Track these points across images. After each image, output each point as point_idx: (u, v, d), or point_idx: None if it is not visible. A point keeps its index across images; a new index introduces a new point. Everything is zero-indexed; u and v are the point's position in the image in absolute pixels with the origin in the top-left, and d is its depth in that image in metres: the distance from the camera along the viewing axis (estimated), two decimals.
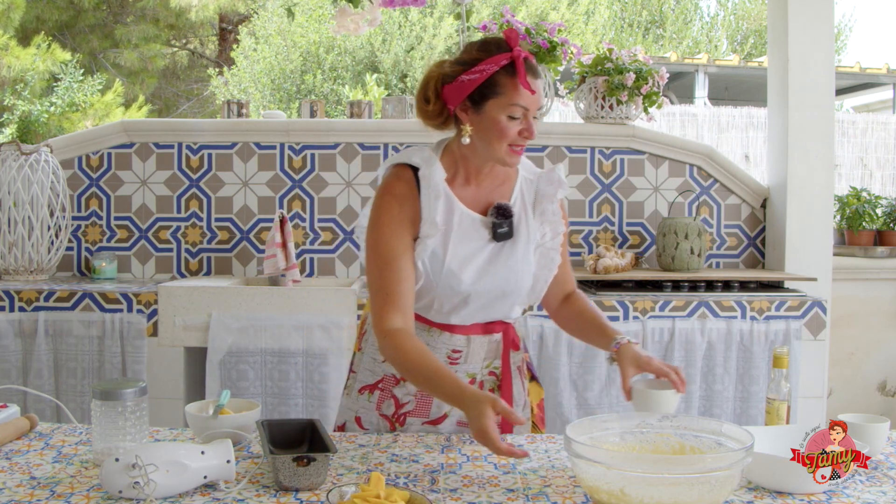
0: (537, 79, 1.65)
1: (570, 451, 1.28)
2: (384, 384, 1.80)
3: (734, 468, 1.24)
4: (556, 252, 1.77)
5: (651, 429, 1.44)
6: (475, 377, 1.79)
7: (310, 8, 12.12)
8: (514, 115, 1.63)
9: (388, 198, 1.69)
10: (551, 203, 1.77)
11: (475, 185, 1.74)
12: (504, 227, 1.71)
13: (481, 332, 1.77)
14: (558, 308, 1.91)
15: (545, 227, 1.77)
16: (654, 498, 1.22)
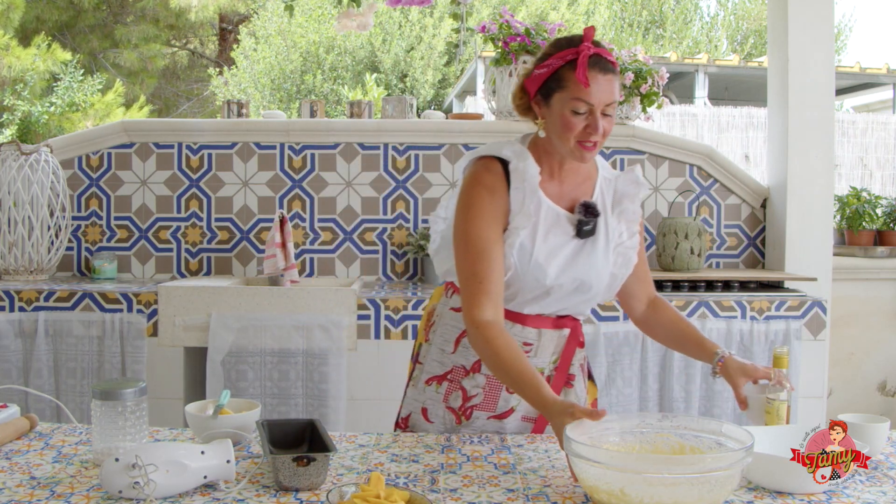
0: (606, 74, 1.63)
1: (569, 450, 1.29)
2: (453, 375, 1.81)
3: (734, 468, 1.24)
4: (633, 251, 1.79)
5: (651, 429, 1.44)
6: (543, 371, 1.80)
7: (310, 8, 12.13)
8: (577, 109, 1.63)
9: (479, 188, 1.71)
10: (632, 203, 1.79)
11: (559, 181, 1.76)
12: (590, 224, 1.73)
13: (552, 327, 1.79)
14: (645, 315, 1.92)
15: (622, 227, 1.79)
16: (653, 498, 1.22)
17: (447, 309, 1.85)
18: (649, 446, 1.43)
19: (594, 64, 1.62)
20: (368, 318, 3.14)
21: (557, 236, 1.72)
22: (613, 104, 1.65)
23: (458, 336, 1.81)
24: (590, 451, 1.26)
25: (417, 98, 11.47)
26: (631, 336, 3.14)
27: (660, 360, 3.17)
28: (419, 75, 11.97)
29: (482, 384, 1.79)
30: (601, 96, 1.62)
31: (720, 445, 1.38)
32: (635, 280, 1.87)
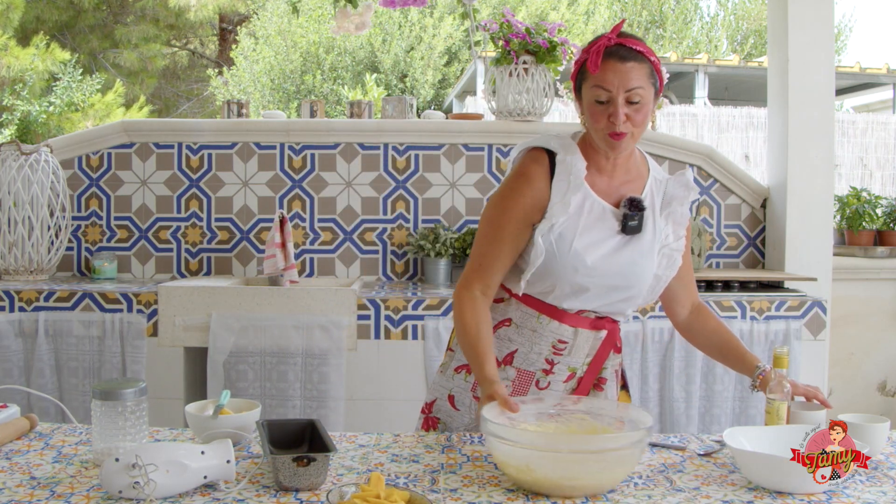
0: (625, 62, 1.64)
1: (484, 429, 1.40)
2: None
3: (630, 448, 1.35)
4: (679, 253, 1.79)
5: (566, 411, 1.55)
6: (575, 371, 1.79)
7: (310, 8, 12.13)
8: (598, 98, 1.66)
9: (522, 180, 1.74)
10: (682, 205, 1.79)
11: (607, 177, 1.76)
12: (635, 220, 1.73)
13: (590, 327, 1.78)
14: (688, 321, 1.91)
15: (669, 228, 1.79)
16: (555, 472, 1.32)
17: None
18: (564, 427, 1.52)
19: (612, 53, 1.65)
20: (368, 318, 3.14)
21: (601, 230, 1.72)
22: (636, 91, 1.64)
23: (495, 327, 1.80)
24: (499, 429, 1.37)
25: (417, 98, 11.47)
26: (631, 336, 3.14)
27: (660, 361, 3.17)
28: (419, 75, 11.97)
29: (512, 377, 1.78)
30: (618, 82, 1.63)
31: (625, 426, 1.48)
32: (680, 284, 1.87)
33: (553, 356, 1.77)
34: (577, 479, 1.33)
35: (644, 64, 1.66)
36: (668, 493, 1.39)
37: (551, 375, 1.77)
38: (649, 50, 1.68)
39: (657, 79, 1.70)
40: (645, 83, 1.65)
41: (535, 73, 3.52)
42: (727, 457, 1.59)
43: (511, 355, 1.79)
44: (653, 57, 1.68)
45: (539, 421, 1.53)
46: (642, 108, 1.66)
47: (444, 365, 1.90)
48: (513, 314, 1.79)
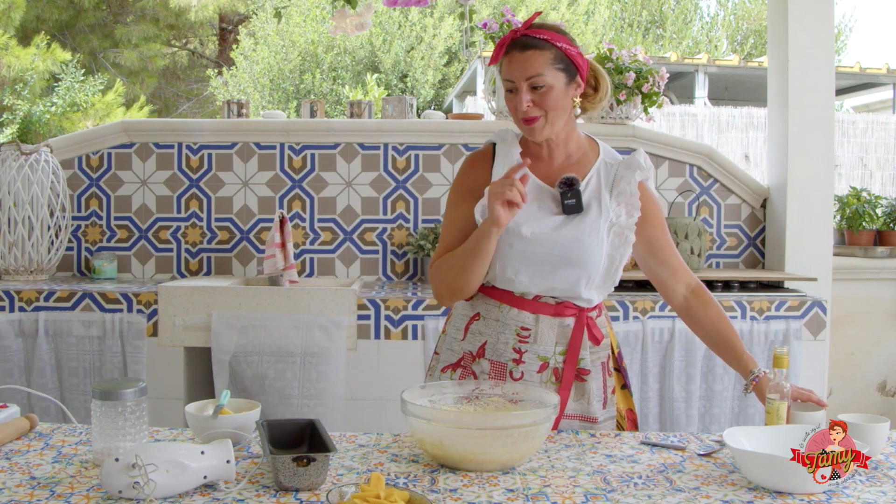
0: (525, 51, 1.72)
1: (404, 410, 1.51)
2: (465, 361, 1.86)
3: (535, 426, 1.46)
4: (631, 232, 1.81)
5: (484, 394, 1.67)
6: (548, 361, 1.81)
7: (307, 8, 12.13)
8: (508, 88, 1.76)
9: (464, 166, 1.91)
10: (629, 184, 1.82)
11: (546, 162, 1.84)
12: (571, 198, 1.77)
13: (551, 314, 1.80)
14: (686, 305, 1.91)
15: (621, 208, 1.81)
16: (465, 448, 1.45)
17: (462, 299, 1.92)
18: (481, 409, 1.63)
19: (515, 44, 1.74)
20: (368, 318, 3.14)
21: (539, 209, 1.79)
22: (537, 77, 1.71)
23: (467, 323, 1.86)
24: (416, 408, 1.49)
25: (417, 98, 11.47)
26: (631, 336, 3.14)
27: (660, 360, 3.17)
28: (419, 75, 11.97)
29: (486, 369, 1.82)
30: (517, 72, 1.73)
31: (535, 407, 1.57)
32: (664, 268, 1.89)
33: (519, 344, 1.80)
34: (485, 454, 1.45)
35: (547, 50, 1.73)
36: (668, 493, 1.39)
37: (522, 365, 1.80)
38: (558, 37, 1.74)
39: (569, 63, 1.75)
40: (546, 69, 1.72)
41: None
42: (727, 457, 1.59)
43: (482, 347, 1.83)
44: (560, 43, 1.74)
45: (457, 404, 1.64)
46: (548, 93, 1.73)
47: (431, 368, 1.95)
48: (479, 307, 1.85)
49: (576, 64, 1.76)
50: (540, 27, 1.75)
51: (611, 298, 3.16)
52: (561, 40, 1.74)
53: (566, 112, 1.78)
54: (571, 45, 1.76)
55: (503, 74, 1.76)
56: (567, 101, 1.76)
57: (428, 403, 1.58)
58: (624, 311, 3.16)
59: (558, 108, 1.74)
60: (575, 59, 1.75)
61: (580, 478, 1.46)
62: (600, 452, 1.62)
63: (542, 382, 1.80)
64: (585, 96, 1.83)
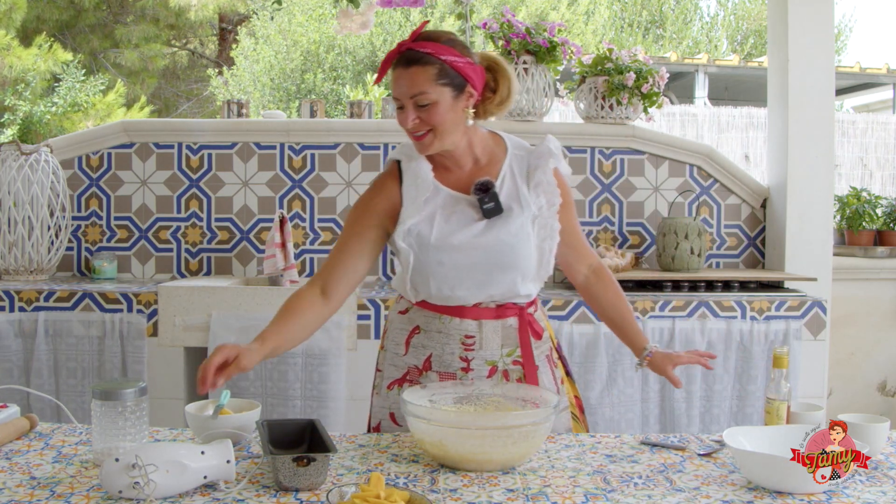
0: (408, 67, 1.67)
1: (404, 410, 1.51)
2: (410, 376, 1.83)
3: (535, 425, 1.46)
4: (555, 220, 1.80)
5: (483, 394, 1.66)
6: (496, 364, 1.80)
7: (310, 7, 12.13)
8: (397, 105, 1.72)
9: (370, 189, 1.85)
10: (544, 174, 1.80)
11: (457, 171, 1.81)
12: (489, 202, 1.75)
13: (493, 317, 1.80)
14: (587, 283, 1.94)
15: (541, 199, 1.80)
16: (465, 448, 1.44)
17: (395, 313, 1.89)
18: (481, 409, 1.63)
19: (401, 59, 1.69)
20: (368, 318, 3.14)
21: (460, 220, 1.76)
22: (420, 95, 1.67)
23: (407, 337, 1.84)
24: (416, 408, 1.48)
25: None
26: None
27: None
28: None
29: (436, 381, 1.80)
30: (401, 90, 1.69)
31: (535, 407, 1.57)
32: (569, 251, 1.89)
33: (465, 353, 1.79)
34: (485, 454, 1.45)
35: (430, 66, 1.67)
36: (668, 493, 1.39)
37: (472, 372, 1.79)
38: (444, 49, 1.68)
39: (455, 76, 1.69)
40: (430, 86, 1.66)
41: (535, 73, 3.53)
42: (727, 457, 1.60)
43: (428, 360, 1.81)
44: (445, 55, 1.67)
45: (457, 404, 1.63)
46: (433, 109, 1.68)
47: (377, 386, 1.92)
48: (418, 320, 1.82)
49: (464, 75, 1.69)
50: (427, 39, 1.68)
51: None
52: (447, 52, 1.67)
53: (457, 124, 1.72)
54: (460, 56, 1.69)
55: (391, 90, 1.72)
56: (456, 114, 1.71)
57: (428, 403, 1.58)
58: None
59: (445, 122, 1.69)
60: (462, 70, 1.69)
61: (580, 478, 1.46)
62: (600, 452, 1.62)
63: (493, 386, 1.78)
64: (485, 100, 1.79)
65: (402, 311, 1.87)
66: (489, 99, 1.80)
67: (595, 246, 3.68)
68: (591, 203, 3.71)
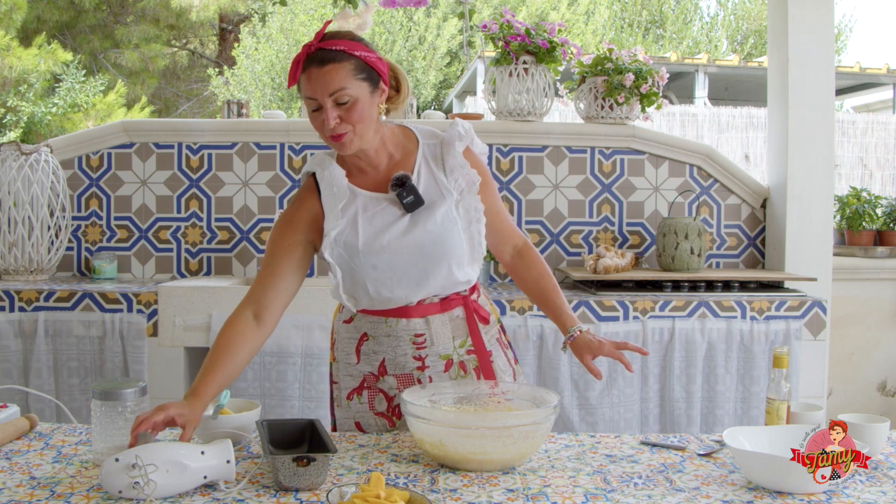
0: (323, 66, 1.63)
1: (404, 410, 1.52)
2: (367, 383, 1.82)
3: (535, 425, 1.46)
4: (477, 201, 1.78)
5: (483, 394, 1.66)
6: (450, 357, 1.80)
7: (312, 7, 12.13)
8: (311, 107, 1.67)
9: (287, 207, 1.82)
10: (454, 157, 1.78)
11: (372, 172, 1.78)
12: (408, 196, 1.73)
13: (439, 311, 1.79)
14: (512, 262, 1.93)
15: (460, 182, 1.78)
16: (465, 447, 1.45)
17: (340, 323, 1.87)
18: (481, 409, 1.62)
19: (312, 59, 1.64)
20: None
21: (383, 220, 1.73)
22: (340, 92, 1.63)
23: (357, 346, 1.82)
24: (416, 408, 1.49)
25: (419, 98, 11.47)
26: (632, 336, 3.14)
27: (660, 361, 3.17)
28: (421, 76, 11.97)
29: (394, 385, 1.80)
30: (319, 88, 1.63)
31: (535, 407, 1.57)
32: (494, 233, 1.86)
33: (418, 351, 1.78)
34: (485, 454, 1.45)
35: (346, 62, 1.64)
36: (668, 493, 1.39)
37: (428, 370, 1.79)
38: (355, 45, 1.66)
39: (371, 71, 1.67)
40: (349, 82, 1.63)
41: (535, 73, 3.53)
42: (727, 457, 1.60)
43: (382, 365, 1.80)
44: (358, 51, 1.65)
45: (457, 404, 1.63)
46: (354, 106, 1.65)
47: (336, 398, 1.89)
48: (364, 327, 1.81)
49: (377, 70, 1.69)
50: (333, 38, 1.66)
51: (611, 298, 3.16)
52: (358, 48, 1.66)
53: (374, 121, 1.71)
54: (370, 52, 1.69)
55: (304, 93, 1.66)
56: (373, 110, 1.69)
57: (428, 403, 1.58)
58: (624, 311, 3.16)
59: (365, 119, 1.67)
60: (375, 65, 1.68)
61: (580, 478, 1.46)
62: (600, 452, 1.62)
63: (452, 379, 1.79)
64: (389, 99, 1.77)
65: (346, 320, 1.85)
66: (393, 97, 1.78)
67: (595, 246, 3.68)
68: (591, 203, 3.71)
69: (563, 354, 3.11)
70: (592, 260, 3.37)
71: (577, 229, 3.71)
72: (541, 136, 3.63)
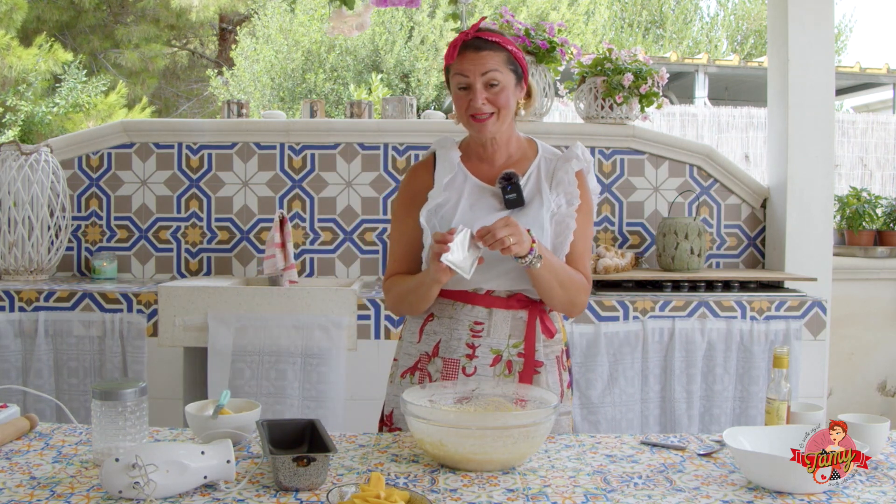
0: (480, 51, 1.77)
1: (404, 410, 1.52)
2: (421, 364, 1.87)
3: (535, 426, 1.46)
4: (572, 219, 1.85)
5: (484, 394, 1.66)
6: (501, 353, 1.83)
7: (311, 8, 12.13)
8: (460, 85, 1.80)
9: (406, 175, 1.96)
10: (566, 173, 1.87)
11: (489, 163, 1.90)
12: (512, 193, 1.82)
13: (503, 306, 1.83)
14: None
15: (561, 198, 1.86)
16: (465, 448, 1.45)
17: None
18: (481, 409, 1.62)
19: (469, 45, 1.79)
20: (368, 318, 3.14)
21: (482, 208, 1.84)
22: (491, 74, 1.76)
23: (422, 325, 1.89)
24: (416, 408, 1.49)
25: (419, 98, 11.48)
26: (632, 336, 3.14)
27: (660, 361, 3.17)
28: (423, 77, 11.97)
29: (440, 367, 1.84)
30: (473, 67, 1.77)
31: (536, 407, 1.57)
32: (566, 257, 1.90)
33: (472, 339, 1.82)
34: (485, 454, 1.45)
35: (500, 52, 1.79)
36: (668, 493, 1.39)
37: (475, 360, 1.82)
38: (507, 40, 1.82)
39: (517, 65, 1.83)
40: (501, 67, 1.78)
41: (535, 73, 3.53)
42: (727, 457, 1.60)
43: (436, 346, 1.86)
44: (510, 46, 1.81)
45: (457, 404, 1.64)
46: (502, 91, 1.79)
47: (392, 375, 1.96)
48: (433, 308, 1.87)
49: (522, 66, 1.84)
50: (489, 31, 1.81)
51: (611, 298, 3.16)
52: (510, 43, 1.81)
53: (512, 112, 1.84)
54: (518, 49, 1.84)
55: (457, 70, 1.79)
56: (514, 102, 1.84)
57: (428, 403, 1.58)
58: (624, 311, 3.16)
59: (508, 106, 1.80)
60: (521, 62, 1.83)
61: (580, 478, 1.46)
62: (600, 452, 1.62)
63: (496, 376, 1.82)
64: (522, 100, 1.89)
65: None
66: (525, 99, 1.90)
67: (595, 246, 3.68)
68: None
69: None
70: (592, 260, 3.37)
71: None
72: (541, 136, 3.58)
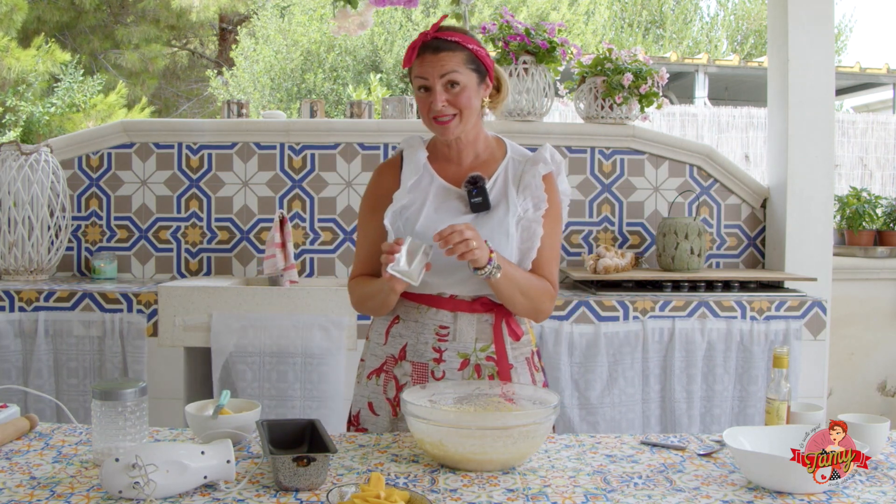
0: (437, 53, 1.76)
1: (404, 410, 1.52)
2: (387, 365, 1.86)
3: (535, 425, 1.46)
4: (539, 225, 1.83)
5: (483, 394, 1.66)
6: (468, 357, 1.82)
7: (311, 8, 12.13)
8: (421, 86, 1.79)
9: (373, 175, 1.96)
10: (533, 177, 1.85)
11: (456, 163, 1.88)
12: (478, 197, 1.80)
13: (468, 310, 1.82)
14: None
15: (528, 202, 1.84)
16: (465, 447, 1.45)
17: None
18: (481, 409, 1.60)
19: (427, 46, 1.77)
20: (368, 317, 3.14)
21: (448, 210, 1.82)
22: (450, 75, 1.75)
23: (388, 327, 1.88)
24: (416, 408, 1.49)
25: None
26: (632, 336, 3.14)
27: (660, 361, 3.17)
28: None
29: (408, 371, 1.83)
30: (432, 69, 1.75)
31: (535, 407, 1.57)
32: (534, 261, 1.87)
33: (439, 343, 1.81)
34: (485, 454, 1.45)
35: (459, 52, 1.77)
36: (668, 493, 1.39)
37: (443, 364, 1.81)
38: (468, 39, 1.79)
39: (479, 64, 1.80)
40: (461, 67, 1.76)
41: (534, 73, 3.53)
42: (727, 457, 1.60)
43: (403, 350, 1.85)
44: (471, 45, 1.78)
45: (457, 404, 1.62)
46: (462, 92, 1.77)
47: (358, 375, 1.96)
48: (399, 310, 1.87)
49: (485, 65, 1.82)
50: (448, 30, 1.80)
51: (611, 298, 3.16)
52: (471, 42, 1.79)
53: (476, 111, 1.82)
54: (480, 47, 1.81)
55: (416, 73, 1.78)
56: (478, 101, 1.81)
57: (428, 403, 1.58)
58: (624, 311, 3.16)
59: (470, 106, 1.78)
60: (484, 59, 1.81)
61: (580, 478, 1.46)
62: (600, 452, 1.62)
63: (464, 380, 1.81)
64: (490, 97, 1.87)
65: None
66: (494, 96, 1.89)
67: (595, 246, 3.68)
68: (591, 203, 3.71)
69: (563, 354, 3.11)
70: (592, 260, 3.37)
71: (577, 229, 3.71)
72: (541, 136, 3.62)
